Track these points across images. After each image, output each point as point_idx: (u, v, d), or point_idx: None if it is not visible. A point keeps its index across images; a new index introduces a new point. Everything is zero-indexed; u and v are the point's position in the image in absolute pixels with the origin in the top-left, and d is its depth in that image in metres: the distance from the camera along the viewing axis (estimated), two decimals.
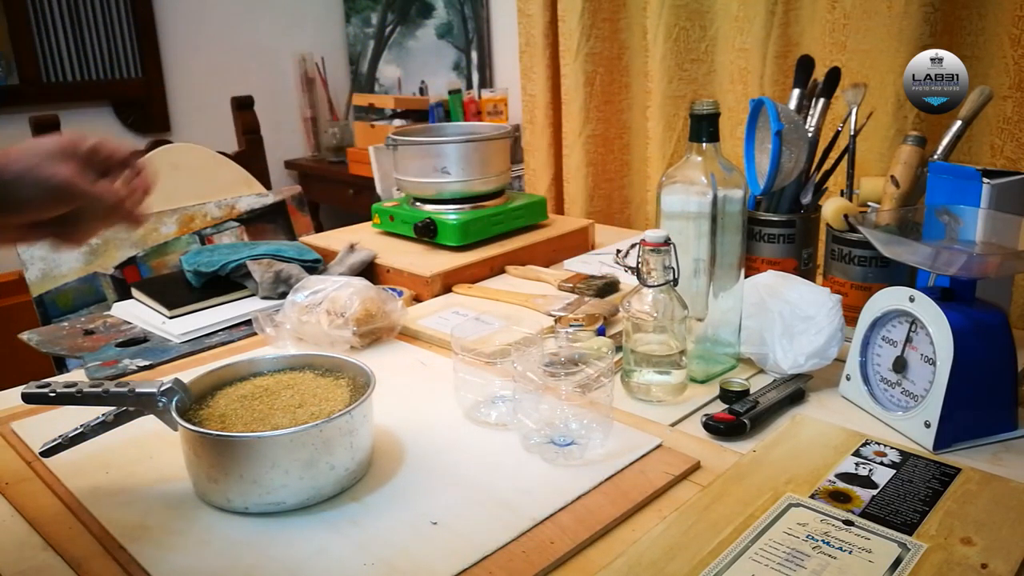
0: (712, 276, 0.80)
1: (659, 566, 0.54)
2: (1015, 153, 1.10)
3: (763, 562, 0.54)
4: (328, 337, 0.91)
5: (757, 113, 0.91)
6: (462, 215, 1.19)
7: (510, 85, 2.36)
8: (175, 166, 1.45)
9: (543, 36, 1.67)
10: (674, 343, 0.78)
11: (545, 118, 1.73)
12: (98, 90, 2.60)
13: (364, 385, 0.69)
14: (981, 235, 0.78)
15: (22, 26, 2.41)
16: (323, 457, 0.62)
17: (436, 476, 0.67)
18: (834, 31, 1.24)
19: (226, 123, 1.89)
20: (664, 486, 0.65)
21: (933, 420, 0.69)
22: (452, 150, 1.20)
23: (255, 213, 1.41)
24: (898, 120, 1.17)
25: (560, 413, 0.68)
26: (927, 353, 0.71)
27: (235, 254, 1.13)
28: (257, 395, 0.68)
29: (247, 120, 1.85)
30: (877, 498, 0.61)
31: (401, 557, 0.57)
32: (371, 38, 3.00)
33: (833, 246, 0.92)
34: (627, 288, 1.05)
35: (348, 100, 2.98)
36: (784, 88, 1.32)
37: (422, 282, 1.11)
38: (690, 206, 0.79)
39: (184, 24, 2.73)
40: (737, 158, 0.93)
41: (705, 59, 1.48)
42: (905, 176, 0.88)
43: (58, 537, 0.60)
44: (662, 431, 0.74)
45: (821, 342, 0.79)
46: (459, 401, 0.78)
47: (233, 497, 0.62)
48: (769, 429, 0.74)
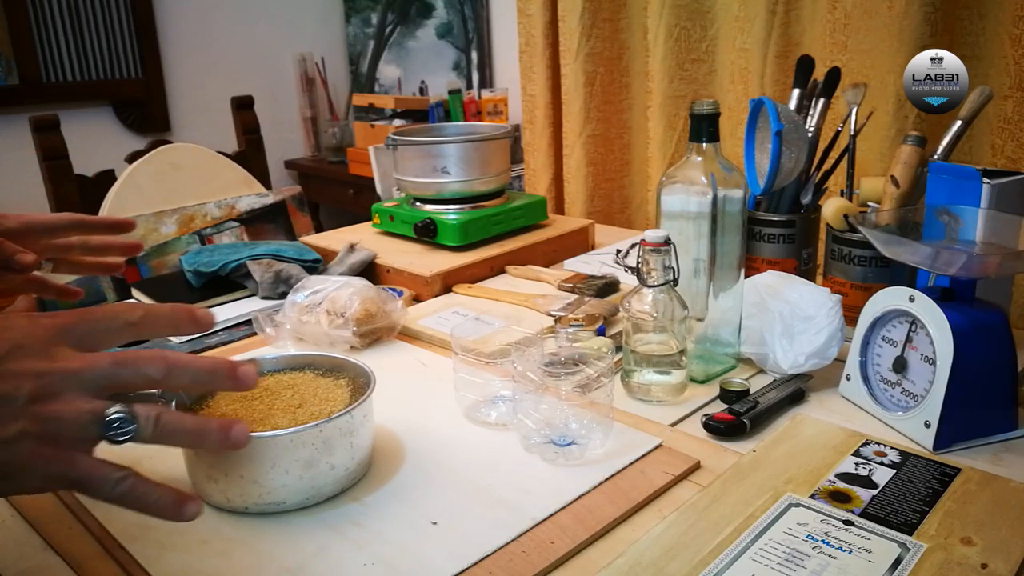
0: (712, 276, 0.80)
1: (659, 566, 0.54)
2: (1015, 153, 1.10)
3: (763, 562, 0.54)
4: (328, 337, 0.91)
5: (757, 113, 0.91)
6: (462, 215, 1.19)
7: (510, 85, 2.36)
8: (175, 166, 1.45)
9: (543, 36, 1.67)
10: (674, 343, 0.78)
11: (545, 118, 1.73)
12: (98, 90, 2.60)
13: (364, 385, 0.69)
14: (981, 235, 0.78)
15: (22, 26, 2.41)
16: (323, 457, 0.62)
17: (436, 476, 0.67)
18: (834, 31, 1.24)
19: (226, 123, 1.89)
20: (664, 486, 0.65)
21: (933, 420, 0.69)
22: (452, 150, 1.20)
23: (255, 213, 1.41)
24: (898, 120, 1.17)
25: (560, 413, 0.68)
26: (927, 353, 0.71)
27: (235, 254, 1.13)
28: (257, 395, 0.68)
29: (247, 120, 1.85)
30: (877, 498, 0.61)
31: (401, 557, 0.57)
32: (371, 38, 3.00)
33: (833, 246, 0.92)
34: (627, 288, 1.05)
35: (348, 100, 2.98)
36: (784, 88, 1.32)
37: (422, 282, 1.11)
38: (690, 206, 0.79)
39: (184, 24, 2.73)
40: (737, 158, 0.93)
41: (706, 59, 1.48)
42: (905, 176, 0.88)
43: (58, 537, 0.60)
44: (662, 431, 0.74)
45: (821, 342, 0.79)
46: (459, 401, 0.78)
47: (233, 497, 0.62)
48: (769, 429, 0.74)
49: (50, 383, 0.45)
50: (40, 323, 0.47)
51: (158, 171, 1.44)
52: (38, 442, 0.44)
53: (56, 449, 0.45)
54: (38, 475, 0.45)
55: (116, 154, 1.79)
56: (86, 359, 0.47)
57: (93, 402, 0.46)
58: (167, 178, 1.43)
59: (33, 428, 0.44)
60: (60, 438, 0.45)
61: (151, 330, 0.51)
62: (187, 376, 0.49)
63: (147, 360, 0.48)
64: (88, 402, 0.46)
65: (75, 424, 0.45)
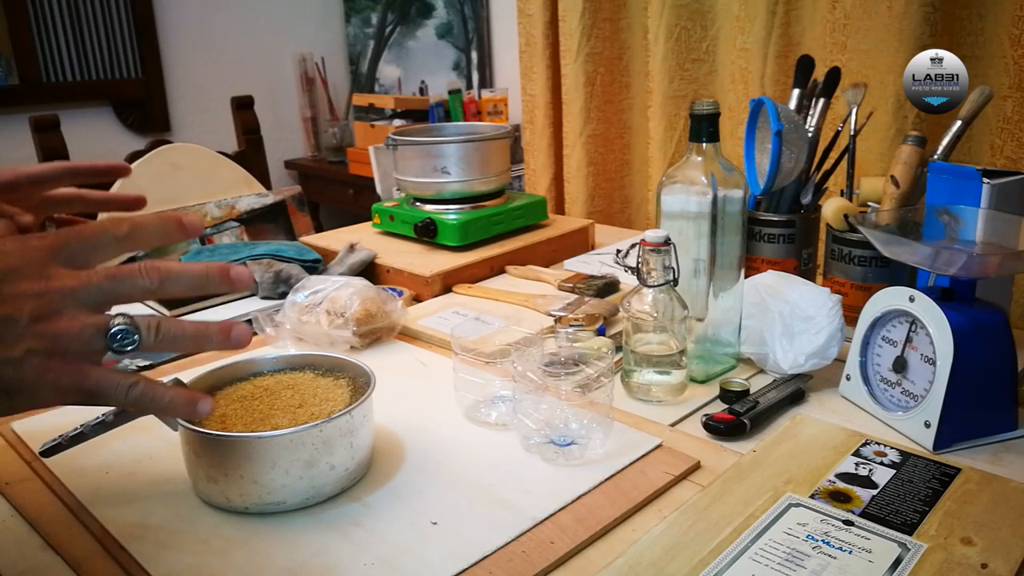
0: (712, 276, 0.80)
1: (659, 566, 0.54)
2: (1015, 153, 1.10)
3: (763, 562, 0.54)
4: (328, 337, 0.91)
5: (757, 113, 0.91)
6: (462, 215, 1.19)
7: (510, 85, 2.36)
8: (175, 166, 1.45)
9: (543, 36, 1.67)
10: (674, 343, 0.78)
11: (545, 118, 1.73)
12: (98, 90, 2.60)
13: (364, 385, 0.69)
14: (981, 235, 0.78)
15: (22, 26, 2.41)
16: (323, 457, 0.62)
17: (436, 476, 0.67)
18: (834, 31, 1.24)
19: (226, 123, 1.89)
20: (664, 486, 0.65)
21: (933, 420, 0.69)
22: (452, 150, 1.20)
23: (255, 213, 1.41)
24: (898, 120, 1.17)
25: (560, 413, 0.68)
26: (927, 353, 0.71)
27: (235, 254, 1.13)
28: (257, 395, 0.68)
29: (247, 120, 1.86)
30: (877, 498, 0.61)
31: (401, 557, 0.57)
32: (371, 38, 3.00)
33: (833, 246, 0.92)
34: (627, 288, 1.05)
35: (348, 100, 2.98)
36: (784, 88, 1.32)
37: (422, 282, 1.11)
38: (690, 206, 0.79)
39: (184, 24, 2.73)
40: (737, 158, 0.93)
41: (706, 59, 1.48)
42: (905, 176, 0.88)
43: (58, 537, 0.60)
44: (662, 431, 0.74)
45: (821, 342, 0.79)
46: (459, 401, 0.78)
47: (233, 497, 0.62)
48: (769, 429, 0.74)
49: (50, 302, 0.46)
50: (30, 244, 0.48)
51: (158, 171, 1.43)
52: (47, 358, 0.46)
53: (64, 363, 0.46)
54: (51, 388, 0.47)
55: (116, 154, 1.79)
56: (81, 276, 0.48)
57: (95, 316, 0.47)
58: (167, 178, 1.43)
59: (39, 345, 0.45)
60: (67, 353, 0.46)
61: (141, 243, 0.51)
62: (181, 283, 0.50)
63: (141, 272, 0.49)
64: (90, 316, 0.47)
65: (80, 338, 0.46)
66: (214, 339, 0.51)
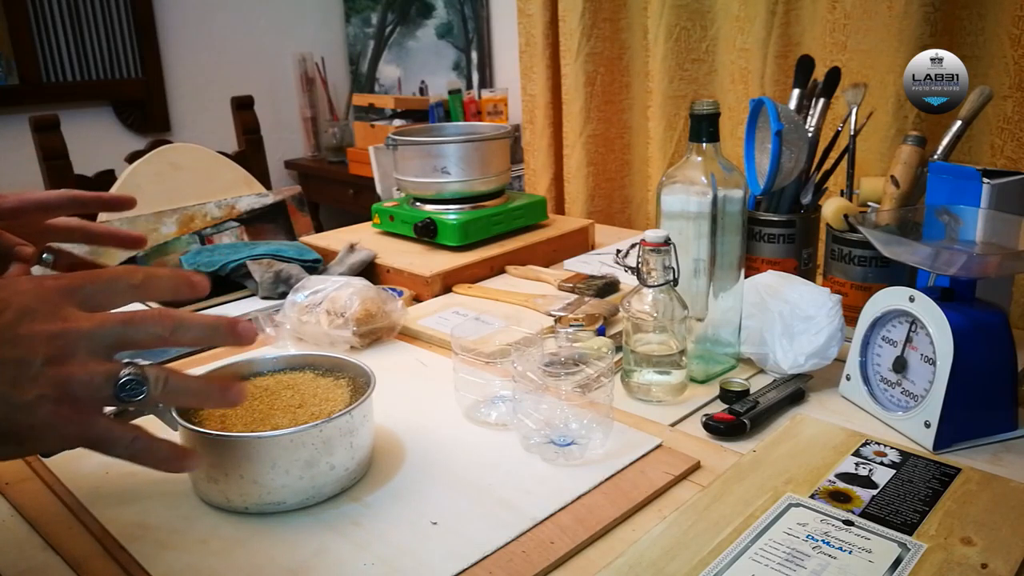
0: (712, 276, 0.80)
1: (659, 566, 0.54)
2: (1015, 153, 1.10)
3: (763, 562, 0.54)
4: (328, 337, 0.91)
5: (757, 113, 0.91)
6: (462, 215, 1.19)
7: (510, 85, 2.36)
8: (175, 166, 1.45)
9: (543, 36, 1.67)
10: (674, 343, 0.78)
11: (545, 118, 1.73)
12: (98, 90, 2.60)
13: (364, 385, 0.69)
14: (981, 235, 0.78)
15: (22, 26, 2.41)
16: (323, 457, 0.62)
17: (436, 476, 0.67)
18: (834, 31, 1.24)
19: (226, 123, 1.89)
20: (664, 486, 0.65)
21: (933, 420, 0.69)
22: (452, 150, 1.20)
23: (255, 213, 1.41)
24: (898, 120, 1.17)
25: (560, 413, 0.68)
26: (927, 353, 0.71)
27: (235, 254, 1.13)
28: (257, 395, 0.68)
29: (247, 120, 1.86)
30: (877, 498, 0.61)
31: (401, 557, 0.57)
32: (371, 38, 3.00)
33: (833, 246, 0.92)
34: (627, 288, 1.05)
35: (348, 100, 2.98)
36: (784, 88, 1.32)
37: (422, 282, 1.11)
38: (690, 206, 0.79)
39: (184, 24, 2.73)
40: (737, 158, 0.93)
41: (706, 59, 1.48)
42: (905, 176, 0.88)
43: (58, 537, 0.60)
44: (662, 431, 0.74)
45: (821, 342, 0.79)
46: (459, 401, 0.78)
47: (233, 497, 0.62)
48: (769, 429, 0.74)
49: (64, 345, 0.46)
50: (46, 285, 0.48)
51: (158, 171, 1.44)
52: (57, 404, 0.46)
53: (73, 410, 0.46)
54: (57, 436, 0.47)
55: (116, 154, 1.79)
56: (95, 319, 0.48)
57: (106, 364, 0.47)
58: (167, 178, 1.43)
59: (50, 391, 0.45)
60: (76, 400, 0.46)
61: (152, 293, 0.53)
62: (191, 332, 0.50)
63: (154, 318, 0.49)
64: (101, 364, 0.47)
65: (90, 385, 0.47)
66: (215, 396, 0.53)
